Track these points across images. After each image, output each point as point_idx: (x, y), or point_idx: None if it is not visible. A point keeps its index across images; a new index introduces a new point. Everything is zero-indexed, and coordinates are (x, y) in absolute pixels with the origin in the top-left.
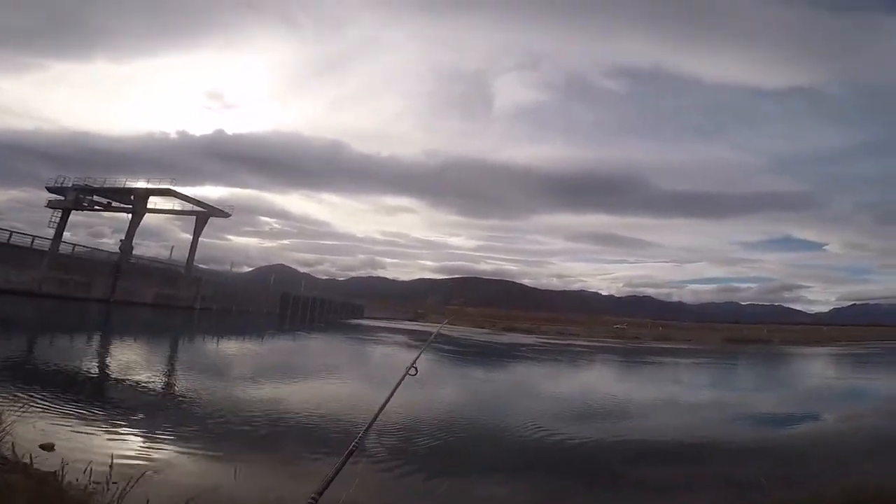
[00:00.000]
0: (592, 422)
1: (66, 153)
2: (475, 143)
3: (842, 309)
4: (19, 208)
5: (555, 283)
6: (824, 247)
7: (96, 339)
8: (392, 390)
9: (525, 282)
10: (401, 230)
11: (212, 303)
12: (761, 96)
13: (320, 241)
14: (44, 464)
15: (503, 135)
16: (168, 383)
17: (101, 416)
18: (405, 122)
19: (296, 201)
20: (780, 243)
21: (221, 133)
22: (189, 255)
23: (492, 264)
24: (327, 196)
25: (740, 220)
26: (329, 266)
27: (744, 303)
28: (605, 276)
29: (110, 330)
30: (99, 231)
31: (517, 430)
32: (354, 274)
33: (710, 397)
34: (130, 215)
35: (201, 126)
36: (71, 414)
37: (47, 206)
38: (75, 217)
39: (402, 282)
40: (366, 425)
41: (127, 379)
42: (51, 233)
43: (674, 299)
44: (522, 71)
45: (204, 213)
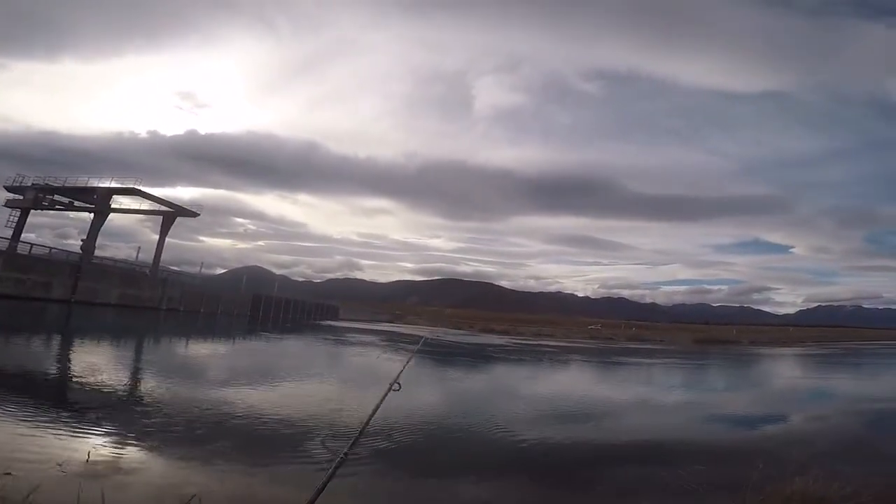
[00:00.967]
0: (549, 423)
1: (32, 153)
2: (454, 144)
3: (808, 311)
4: None
5: (532, 285)
6: (791, 249)
7: (48, 340)
8: (376, 406)
9: (503, 283)
10: (379, 232)
11: (179, 304)
12: (735, 100)
13: (296, 243)
14: None
15: (482, 137)
16: (110, 384)
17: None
18: (383, 123)
19: (271, 202)
20: (749, 246)
21: (194, 133)
22: (155, 256)
23: (471, 266)
24: (303, 197)
25: (712, 223)
26: (305, 268)
27: (714, 304)
28: (580, 277)
29: (67, 330)
30: (65, 232)
31: (476, 430)
32: (331, 276)
33: (671, 397)
34: (93, 215)
35: (173, 126)
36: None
37: (5, 206)
38: (42, 219)
39: (381, 283)
40: (352, 437)
41: (66, 378)
42: (9, 233)
43: (647, 300)
44: (502, 73)
45: (171, 213)
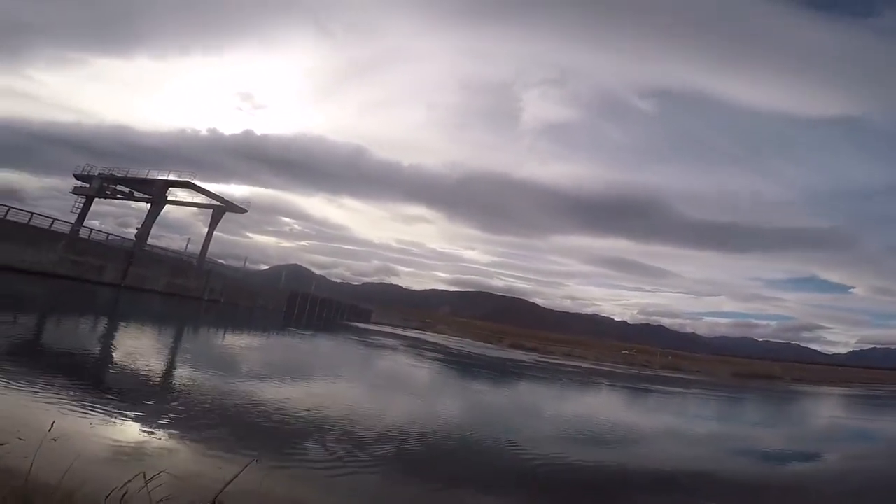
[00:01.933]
0: (540, 443)
1: (103, 145)
2: (498, 157)
3: (861, 351)
4: (54, 196)
5: (568, 305)
6: (850, 290)
7: (96, 322)
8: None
9: (537, 301)
10: (417, 239)
11: (220, 296)
12: (801, 125)
13: (337, 245)
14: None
15: (527, 150)
16: (136, 368)
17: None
18: (429, 132)
19: (317, 204)
20: (803, 283)
21: (250, 133)
22: (202, 248)
23: (505, 281)
24: (348, 201)
25: (765, 255)
26: (344, 270)
27: (759, 339)
28: (619, 301)
29: (113, 313)
30: (126, 221)
31: (482, 444)
32: (368, 279)
33: (689, 428)
34: (150, 205)
35: (231, 125)
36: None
37: (72, 193)
38: (107, 207)
39: (415, 290)
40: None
41: (101, 361)
42: (73, 219)
43: (688, 330)
44: (551, 86)
45: (220, 208)
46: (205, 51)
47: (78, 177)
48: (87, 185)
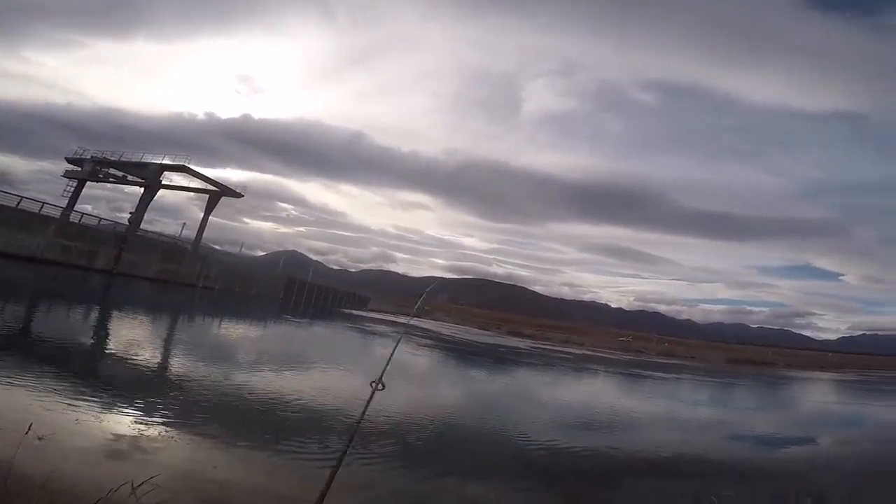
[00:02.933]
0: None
1: (96, 128)
2: (498, 145)
3: (851, 338)
4: (45, 178)
5: (565, 292)
6: (841, 277)
7: (86, 309)
8: (363, 409)
9: (536, 288)
10: (415, 226)
11: (215, 282)
12: (802, 119)
13: (335, 231)
14: None
15: (527, 140)
16: (115, 356)
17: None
18: (429, 119)
19: (314, 189)
20: (796, 270)
21: (248, 117)
22: (197, 233)
23: (504, 268)
24: (345, 186)
25: (760, 244)
26: (341, 256)
27: (753, 325)
28: (616, 288)
29: (105, 301)
30: (120, 206)
31: (471, 431)
32: (365, 266)
33: (685, 415)
34: (143, 189)
35: (229, 109)
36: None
37: (64, 176)
38: (100, 191)
39: (413, 277)
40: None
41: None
42: (65, 203)
43: (683, 317)
44: (554, 77)
45: (216, 192)
46: (205, 34)
47: (70, 160)
48: (79, 169)
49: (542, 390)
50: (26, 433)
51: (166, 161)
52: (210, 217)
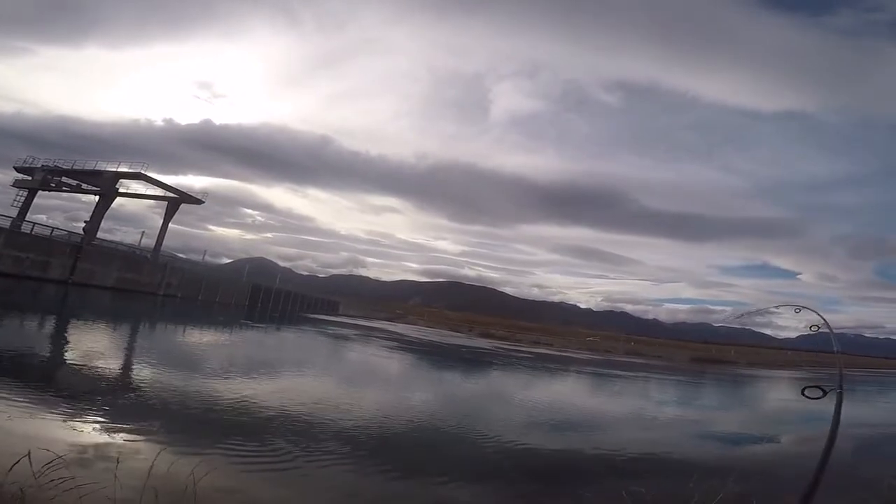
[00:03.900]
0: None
1: (48, 137)
2: (468, 147)
3: (808, 336)
4: None
5: (536, 293)
6: (798, 276)
7: (39, 320)
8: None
9: (507, 290)
10: (385, 230)
11: (177, 290)
12: (756, 119)
13: (303, 237)
14: None
15: (496, 141)
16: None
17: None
18: (398, 122)
19: (280, 195)
20: (756, 270)
21: (209, 123)
22: (157, 241)
23: (475, 270)
24: (313, 191)
25: (721, 244)
26: (310, 262)
27: (716, 324)
28: (584, 289)
29: (59, 311)
30: (76, 215)
31: (428, 433)
32: (336, 271)
33: (650, 414)
34: (98, 198)
35: (188, 115)
36: None
37: (14, 186)
38: (55, 201)
39: (384, 282)
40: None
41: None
42: (16, 213)
43: (649, 316)
44: (521, 79)
45: (175, 199)
46: (164, 40)
47: (19, 169)
48: (30, 178)
49: (507, 391)
50: None
51: (122, 168)
52: (170, 225)
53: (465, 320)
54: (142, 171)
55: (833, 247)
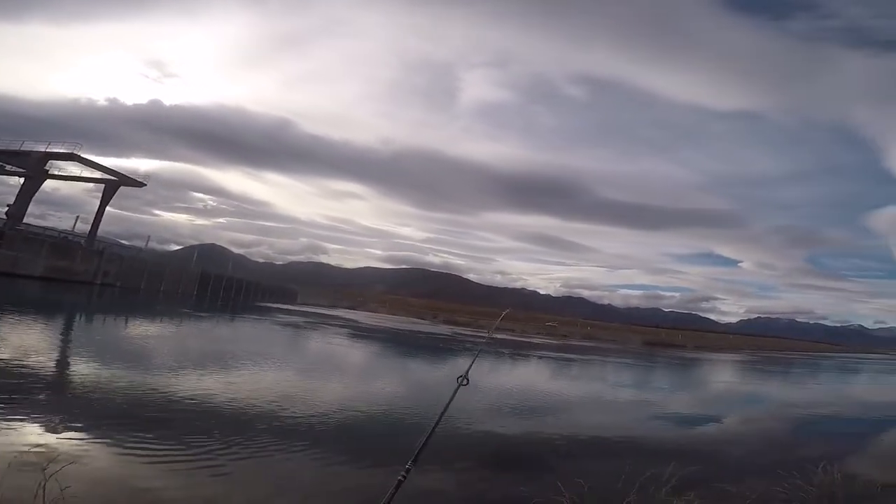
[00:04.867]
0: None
1: None
2: (434, 134)
3: (748, 321)
4: None
5: (498, 280)
6: (739, 264)
7: None
8: (446, 404)
9: (470, 276)
10: (348, 216)
11: (116, 279)
12: (710, 116)
13: (259, 222)
14: None
15: (463, 130)
16: None
17: None
18: (364, 107)
19: (235, 179)
20: (702, 258)
21: (157, 104)
22: (92, 226)
23: (440, 257)
24: (271, 175)
25: (672, 232)
26: (267, 249)
27: (666, 309)
28: (545, 275)
29: None
30: (4, 199)
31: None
32: (294, 258)
33: (603, 397)
34: (23, 179)
35: (136, 95)
36: None
37: None
38: None
39: (346, 269)
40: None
41: None
42: None
43: (605, 302)
44: (491, 69)
45: (114, 182)
46: (113, 17)
47: None
48: None
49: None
50: None
51: (53, 149)
52: (112, 209)
53: (428, 307)
54: (75, 152)
55: (771, 237)
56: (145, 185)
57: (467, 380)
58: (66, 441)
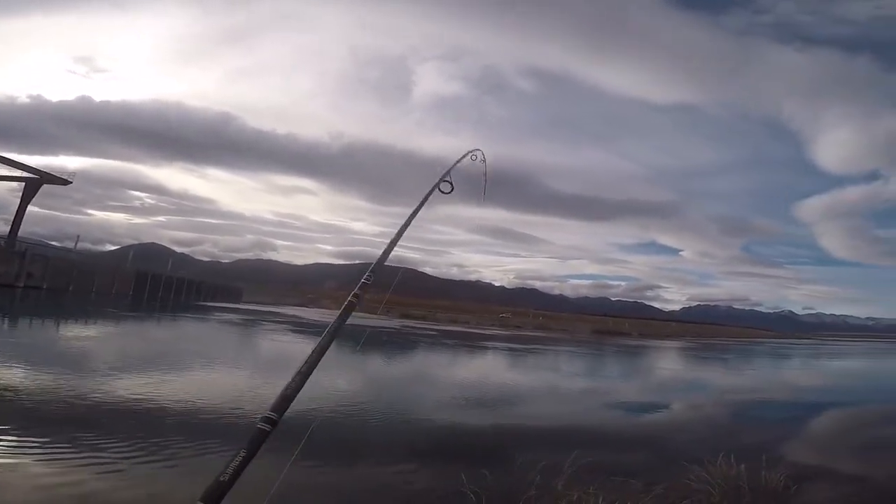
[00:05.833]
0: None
1: None
2: (387, 128)
3: (690, 308)
4: None
5: (454, 273)
6: (680, 252)
7: None
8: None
9: (427, 270)
10: (297, 212)
11: (41, 281)
12: (652, 110)
13: (202, 220)
14: None
15: (416, 124)
16: None
17: None
18: (314, 101)
19: (174, 175)
20: (646, 247)
21: (86, 100)
22: (12, 226)
23: (396, 251)
24: (213, 171)
25: (617, 223)
26: (211, 247)
27: (613, 298)
28: (499, 267)
29: None
30: None
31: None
32: (241, 255)
33: (554, 386)
34: None
35: (62, 92)
36: None
37: None
38: None
39: (297, 265)
40: None
41: None
42: None
43: (556, 292)
44: (444, 62)
45: (35, 180)
46: (40, 11)
47: None
48: None
49: (411, 370)
50: None
51: None
52: (34, 208)
53: (382, 303)
54: None
55: (708, 226)
56: (71, 182)
57: None
58: None
